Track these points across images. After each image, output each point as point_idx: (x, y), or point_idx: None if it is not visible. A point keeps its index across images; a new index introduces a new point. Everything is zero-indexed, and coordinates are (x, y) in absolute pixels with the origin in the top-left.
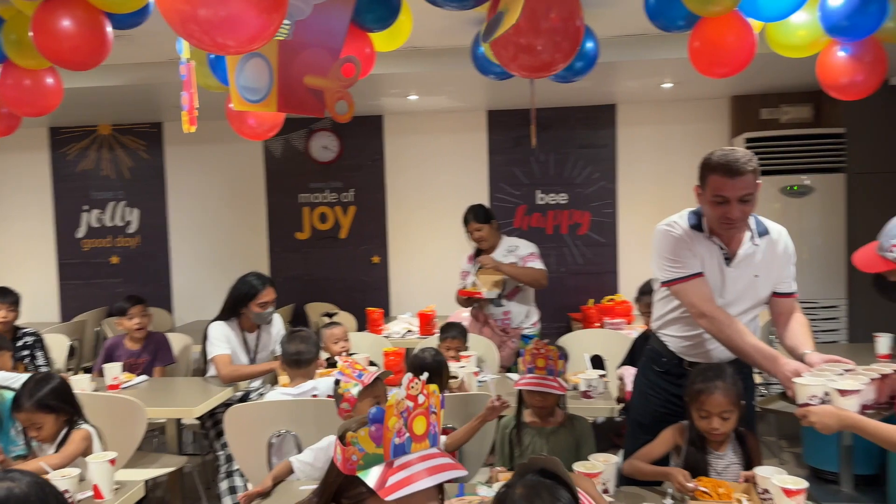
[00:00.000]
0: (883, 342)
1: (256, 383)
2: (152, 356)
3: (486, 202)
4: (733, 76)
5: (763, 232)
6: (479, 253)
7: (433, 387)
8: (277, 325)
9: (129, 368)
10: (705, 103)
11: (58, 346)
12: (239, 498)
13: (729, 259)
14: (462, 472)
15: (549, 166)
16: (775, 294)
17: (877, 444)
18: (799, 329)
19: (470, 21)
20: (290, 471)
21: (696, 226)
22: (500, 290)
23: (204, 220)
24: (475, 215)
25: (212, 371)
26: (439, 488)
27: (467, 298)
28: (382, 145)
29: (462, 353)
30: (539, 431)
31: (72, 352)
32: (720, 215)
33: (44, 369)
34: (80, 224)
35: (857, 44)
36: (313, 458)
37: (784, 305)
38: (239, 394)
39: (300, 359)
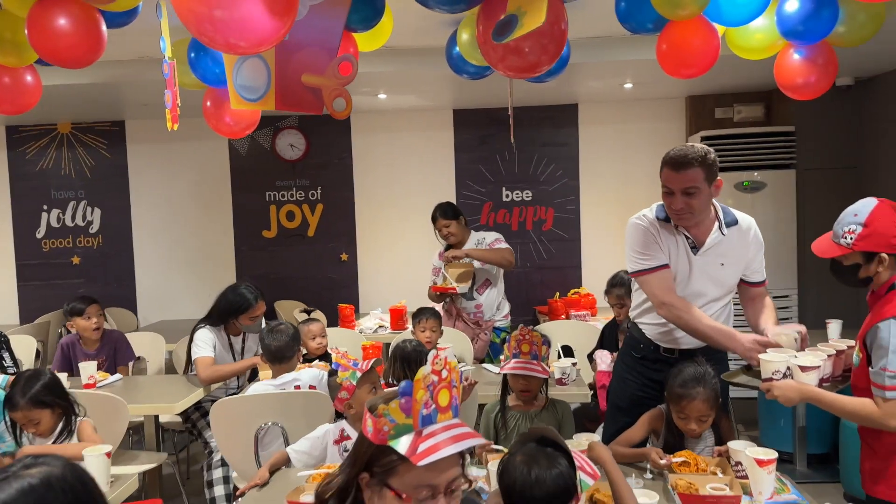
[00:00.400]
0: (833, 327)
1: (235, 384)
2: (111, 355)
3: (452, 199)
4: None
5: (731, 222)
6: (448, 249)
7: (454, 362)
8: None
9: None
10: (663, 103)
11: (24, 347)
12: (238, 493)
13: (696, 248)
14: (482, 440)
15: (514, 164)
16: (746, 283)
17: (828, 425)
18: (763, 310)
19: (444, 22)
20: (286, 460)
21: (665, 217)
22: (471, 282)
23: (168, 219)
24: (443, 212)
25: None
26: (461, 455)
27: (440, 294)
28: (350, 143)
29: (439, 345)
30: (523, 414)
31: (36, 353)
32: (668, 205)
33: (11, 370)
34: (40, 224)
35: (810, 47)
36: (309, 446)
37: (754, 293)
38: (220, 391)
39: (281, 354)
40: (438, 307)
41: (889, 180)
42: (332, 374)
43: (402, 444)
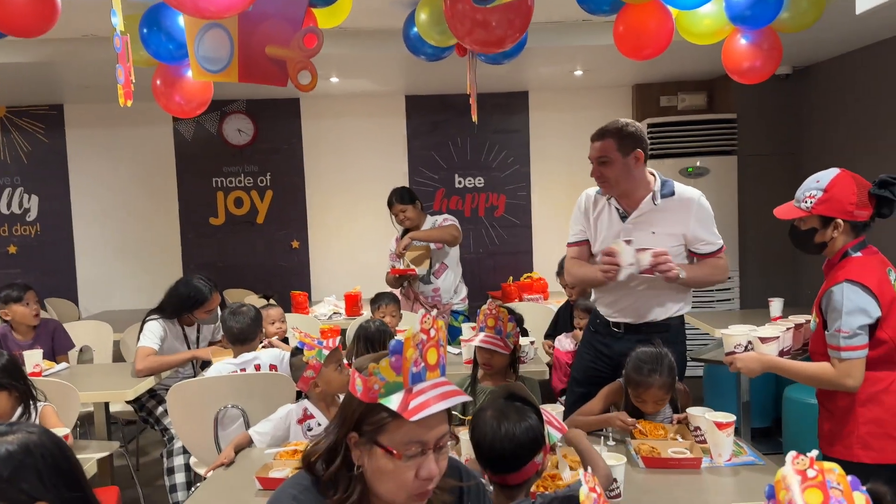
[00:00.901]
0: (776, 305)
1: (190, 372)
2: (48, 345)
3: (406, 185)
4: (638, 64)
5: (668, 194)
6: (405, 233)
7: (441, 322)
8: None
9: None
10: (611, 91)
11: None
12: (204, 473)
13: (625, 217)
14: (468, 398)
15: (466, 151)
16: (697, 254)
17: (770, 400)
18: (701, 264)
19: (401, 2)
20: (249, 442)
21: (601, 190)
22: (429, 263)
23: (111, 206)
24: (399, 197)
25: None
26: (448, 413)
27: (400, 277)
28: (300, 128)
29: (398, 328)
30: (492, 390)
31: None
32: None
33: None
34: None
35: (756, 32)
36: (272, 427)
37: (709, 263)
38: (171, 378)
39: (244, 336)
40: (396, 292)
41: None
42: (296, 353)
43: (393, 401)
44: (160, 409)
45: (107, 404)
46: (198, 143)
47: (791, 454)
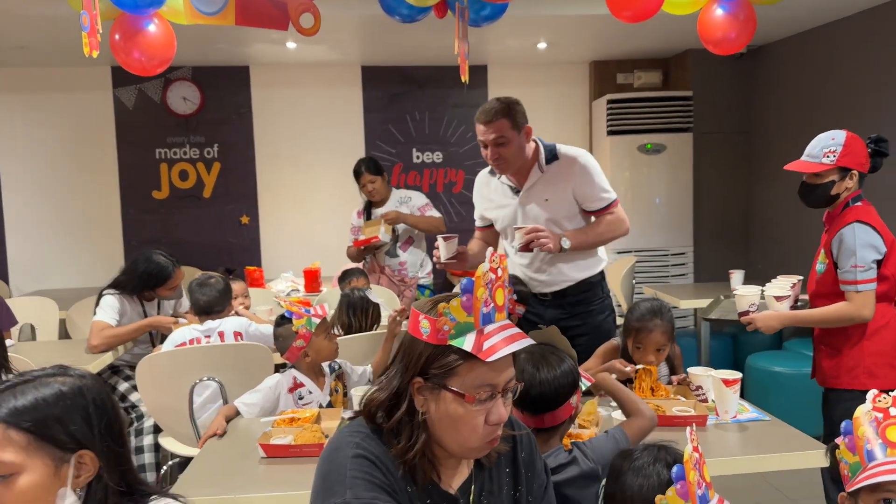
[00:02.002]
0: (736, 277)
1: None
2: None
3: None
4: (597, 40)
5: (552, 158)
6: (369, 206)
7: (506, 262)
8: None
9: None
10: (569, 67)
11: None
12: (200, 444)
13: (517, 191)
14: (533, 342)
15: (425, 125)
16: (589, 212)
17: (729, 366)
18: (588, 226)
19: None
20: (236, 413)
21: (491, 170)
22: (392, 235)
23: (44, 178)
24: (368, 167)
25: None
26: (513, 356)
27: (364, 249)
28: (249, 98)
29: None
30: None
31: None
32: (485, 157)
33: None
34: None
35: (733, 3)
36: (261, 398)
37: (603, 220)
38: (127, 355)
39: (210, 308)
40: (360, 266)
41: (775, 144)
42: (281, 323)
43: (466, 343)
44: (125, 384)
45: None
46: (139, 112)
47: (872, 393)
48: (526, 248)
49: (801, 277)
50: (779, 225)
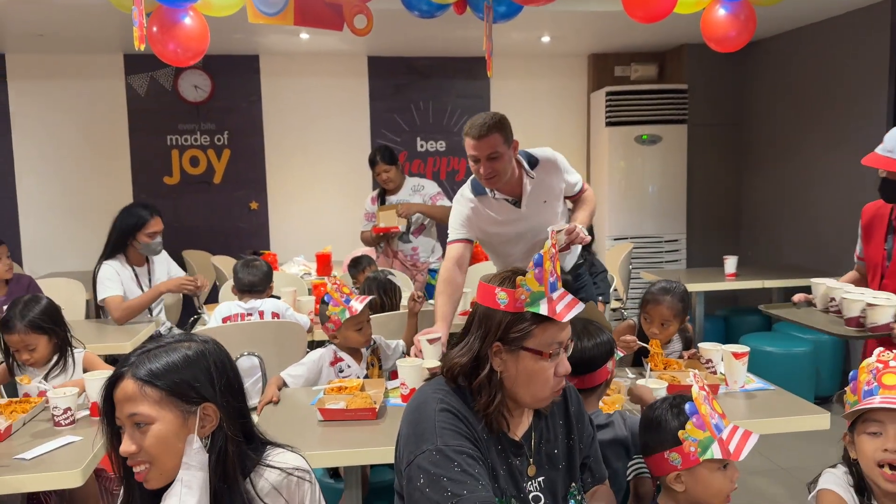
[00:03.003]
0: (730, 263)
1: (165, 326)
2: None
3: (368, 148)
4: (597, 34)
5: (533, 163)
6: (382, 193)
7: (556, 237)
8: (165, 256)
9: None
10: (568, 60)
11: None
12: (258, 410)
13: (518, 202)
14: (582, 307)
15: (429, 114)
16: (570, 197)
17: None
18: (580, 205)
19: None
20: (282, 384)
21: (482, 191)
22: (407, 221)
23: (58, 163)
24: (383, 156)
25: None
26: None
27: (381, 235)
28: (259, 86)
29: None
30: None
31: None
32: (476, 172)
33: None
34: None
35: (734, 4)
36: (306, 370)
37: (579, 199)
38: (162, 328)
39: (252, 287)
40: (372, 251)
41: (764, 136)
42: (325, 303)
43: (542, 308)
44: None
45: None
46: (151, 99)
47: (878, 350)
48: (566, 247)
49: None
50: (768, 213)
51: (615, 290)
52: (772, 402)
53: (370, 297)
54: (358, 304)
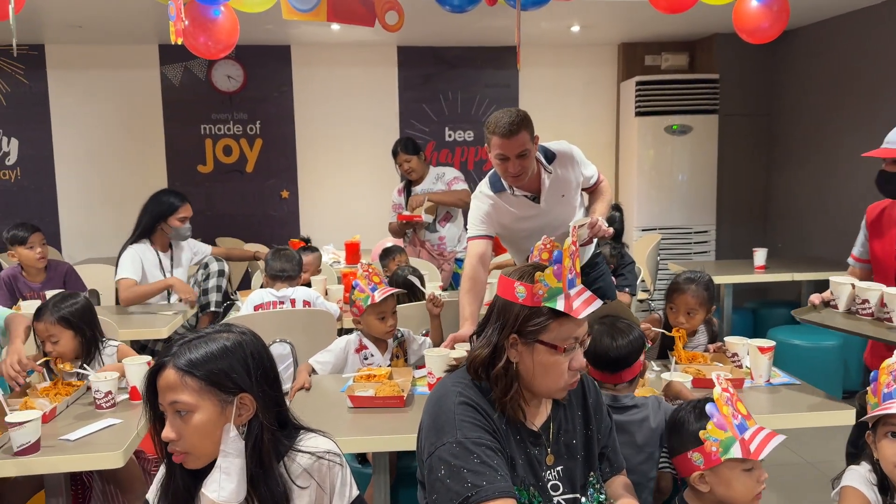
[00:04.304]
0: (759, 255)
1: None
2: (60, 287)
3: (396, 137)
4: (628, 23)
5: (551, 158)
6: (408, 184)
7: (576, 234)
8: (193, 243)
9: None
10: (598, 49)
11: None
12: (290, 396)
13: (537, 198)
14: (601, 302)
15: (457, 104)
16: (585, 189)
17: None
18: (597, 197)
19: None
20: (311, 371)
21: (500, 188)
22: (434, 214)
23: (95, 151)
24: (405, 147)
25: None
26: None
27: (405, 223)
28: (290, 76)
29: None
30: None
31: None
32: (504, 171)
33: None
34: None
35: None
36: (333, 357)
37: (596, 189)
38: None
39: (282, 275)
40: (399, 241)
41: (795, 126)
42: (354, 288)
43: (558, 303)
44: None
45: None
46: (185, 89)
47: None
48: (588, 241)
49: None
50: (799, 205)
51: (642, 280)
52: (797, 397)
53: (394, 290)
54: (379, 294)
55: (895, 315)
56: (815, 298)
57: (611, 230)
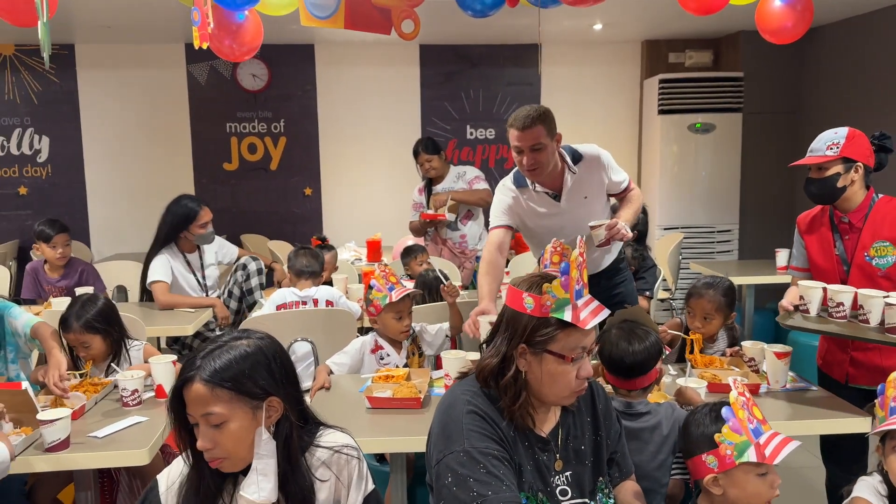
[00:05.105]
0: (782, 255)
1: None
2: (75, 283)
3: (418, 136)
4: (650, 20)
5: (577, 159)
6: (429, 183)
7: (584, 245)
8: (218, 240)
9: (52, 296)
10: (621, 46)
11: None
12: (310, 396)
13: (557, 196)
14: (608, 312)
15: (479, 102)
16: (614, 195)
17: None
18: (625, 204)
19: None
20: (329, 371)
21: (523, 183)
22: (456, 213)
23: (123, 148)
24: (425, 147)
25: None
26: None
27: (429, 221)
28: (314, 75)
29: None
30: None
31: None
32: (519, 163)
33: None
34: None
35: None
36: (349, 359)
37: (625, 197)
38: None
39: (305, 270)
40: (420, 240)
41: (820, 125)
42: (371, 287)
43: (566, 314)
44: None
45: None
46: (211, 88)
47: None
48: (605, 242)
49: None
50: None
51: (664, 279)
52: (812, 403)
53: (410, 290)
54: (396, 294)
55: (872, 316)
56: (787, 304)
57: (630, 234)
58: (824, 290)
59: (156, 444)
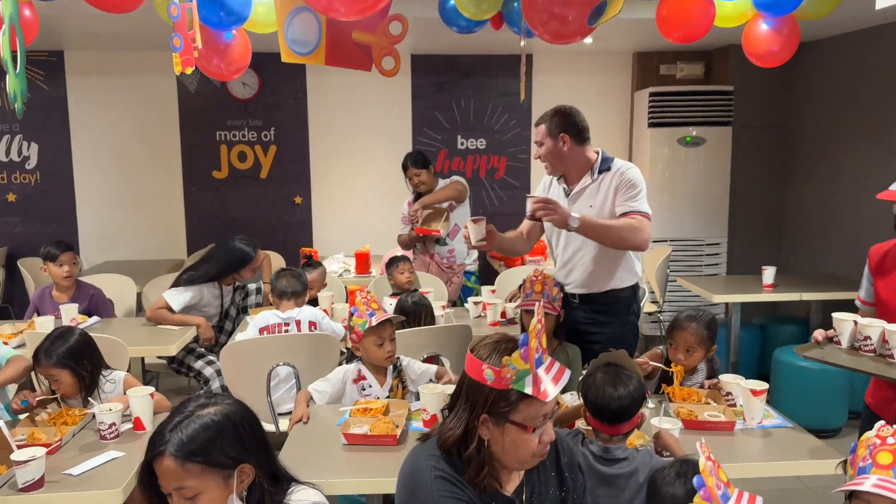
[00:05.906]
0: (769, 273)
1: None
2: (85, 310)
3: (409, 146)
4: (641, 33)
5: (605, 168)
6: (418, 196)
7: (549, 279)
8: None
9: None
10: (612, 58)
11: None
12: (288, 428)
13: (568, 193)
14: (568, 374)
15: (470, 112)
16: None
17: (755, 360)
18: (605, 218)
19: None
20: (309, 399)
21: None
22: (447, 228)
23: (113, 156)
24: (414, 161)
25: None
26: None
27: (417, 236)
28: (304, 83)
29: (422, 290)
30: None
31: None
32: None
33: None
34: None
35: (777, 18)
36: (331, 386)
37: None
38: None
39: (286, 291)
40: (409, 253)
41: (810, 140)
42: (352, 314)
43: (526, 386)
44: (198, 362)
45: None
46: (201, 96)
47: (879, 423)
48: (532, 216)
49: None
50: (813, 220)
51: (651, 292)
52: (787, 443)
53: (391, 315)
54: (376, 319)
55: None
56: (819, 335)
57: (556, 218)
58: (855, 322)
59: (131, 482)
